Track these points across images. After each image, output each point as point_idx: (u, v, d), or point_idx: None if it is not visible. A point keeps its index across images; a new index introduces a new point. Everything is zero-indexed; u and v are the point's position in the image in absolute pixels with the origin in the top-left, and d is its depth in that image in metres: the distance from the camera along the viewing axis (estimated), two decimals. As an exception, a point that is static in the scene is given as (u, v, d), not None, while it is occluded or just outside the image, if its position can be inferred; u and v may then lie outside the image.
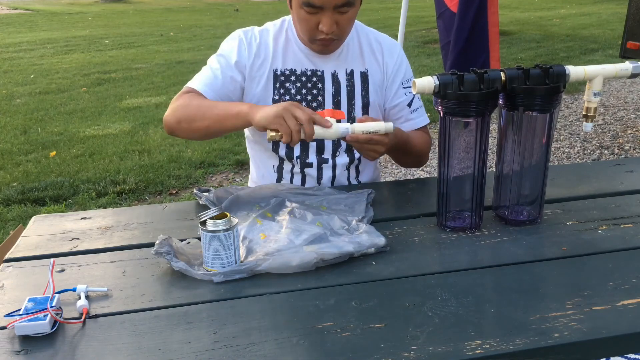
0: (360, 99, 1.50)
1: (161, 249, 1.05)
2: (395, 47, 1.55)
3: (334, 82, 1.49)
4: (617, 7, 11.48)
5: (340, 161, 1.53)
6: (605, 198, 1.34)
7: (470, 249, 1.12)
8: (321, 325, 0.88)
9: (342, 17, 1.35)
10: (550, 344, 0.83)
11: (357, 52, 1.51)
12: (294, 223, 1.17)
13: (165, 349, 0.84)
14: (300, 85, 1.48)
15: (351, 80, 1.50)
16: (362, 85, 1.50)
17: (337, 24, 1.36)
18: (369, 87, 1.51)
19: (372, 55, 1.52)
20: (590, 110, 1.21)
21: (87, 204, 3.29)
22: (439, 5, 3.17)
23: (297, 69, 1.48)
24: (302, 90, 1.48)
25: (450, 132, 1.14)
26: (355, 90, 1.50)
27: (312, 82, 1.48)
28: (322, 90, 1.49)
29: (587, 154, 4.02)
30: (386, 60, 1.52)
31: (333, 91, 1.49)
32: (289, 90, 1.48)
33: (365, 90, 1.50)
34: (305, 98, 1.48)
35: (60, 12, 15.53)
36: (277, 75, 1.48)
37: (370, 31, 1.56)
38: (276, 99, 1.48)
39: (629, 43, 4.57)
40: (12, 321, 0.88)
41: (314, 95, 1.49)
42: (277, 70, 1.48)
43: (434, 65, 6.76)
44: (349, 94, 1.50)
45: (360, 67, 1.51)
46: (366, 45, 1.52)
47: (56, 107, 5.50)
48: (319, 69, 1.49)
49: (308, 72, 1.49)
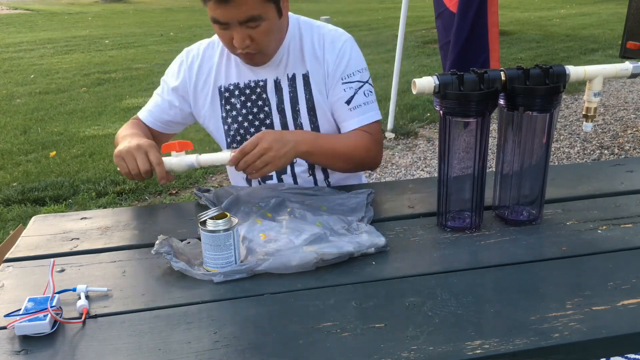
0: (305, 102, 1.44)
1: (161, 249, 1.05)
2: (337, 41, 1.43)
3: (276, 90, 1.44)
4: (617, 7, 11.48)
5: (299, 169, 1.49)
6: (605, 198, 1.34)
7: (470, 249, 1.12)
8: (321, 325, 0.88)
9: (254, 31, 1.29)
10: (550, 344, 0.83)
11: (298, 54, 1.44)
12: (294, 223, 1.17)
13: (165, 349, 0.84)
14: (244, 99, 1.45)
15: (293, 85, 1.44)
16: (305, 88, 1.44)
17: (252, 39, 1.30)
18: (311, 89, 1.44)
19: (313, 53, 1.43)
20: (590, 110, 1.21)
21: (87, 204, 3.29)
22: (438, 5, 3.17)
23: (240, 82, 1.45)
24: (247, 104, 1.45)
25: (450, 132, 1.14)
26: (299, 94, 1.44)
27: (257, 93, 1.44)
28: (267, 100, 1.45)
29: (587, 154, 4.02)
30: (326, 57, 1.42)
31: (277, 100, 1.44)
32: (235, 106, 1.45)
33: (308, 93, 1.44)
34: (251, 111, 1.45)
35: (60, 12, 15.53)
36: (222, 92, 1.46)
37: (317, 27, 1.46)
38: (224, 116, 1.47)
39: (629, 43, 4.57)
40: (12, 321, 0.88)
41: (260, 107, 1.45)
42: (221, 87, 1.46)
43: (434, 65, 6.76)
44: (292, 100, 1.44)
45: (302, 70, 1.43)
46: (308, 44, 1.43)
47: (56, 107, 5.50)
48: (261, 78, 1.44)
49: (251, 84, 1.44)
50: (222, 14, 1.25)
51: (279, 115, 1.45)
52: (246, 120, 1.46)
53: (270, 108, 1.45)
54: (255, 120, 1.46)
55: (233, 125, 1.47)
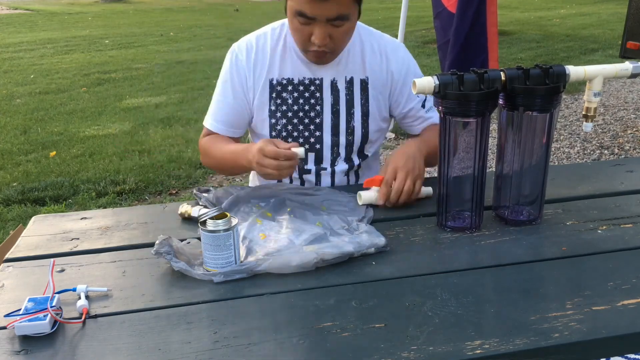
0: (360, 107, 1.47)
1: (161, 249, 1.05)
2: (398, 51, 1.50)
3: (332, 90, 1.45)
4: (617, 7, 11.47)
5: (339, 169, 1.51)
6: (605, 198, 1.34)
7: (470, 249, 1.12)
8: (321, 325, 0.88)
9: (336, 30, 1.30)
10: (550, 344, 0.83)
11: (359, 58, 1.46)
12: (294, 223, 1.17)
13: (165, 349, 0.84)
14: (297, 95, 1.45)
15: (350, 89, 1.46)
16: (362, 94, 1.47)
17: (331, 37, 1.31)
18: (368, 96, 1.47)
19: (374, 61, 1.47)
20: (590, 110, 1.21)
21: (87, 204, 3.29)
22: (437, 5, 3.17)
23: (295, 78, 1.45)
24: (300, 100, 1.45)
25: (450, 132, 1.14)
26: (355, 98, 1.46)
27: (310, 91, 1.45)
28: (320, 99, 1.45)
29: (587, 154, 4.02)
30: (391, 68, 1.47)
31: (332, 100, 1.45)
32: (286, 100, 1.45)
33: (364, 98, 1.47)
34: (302, 108, 1.45)
35: (60, 12, 15.53)
36: (273, 85, 1.45)
37: (374, 35, 1.50)
38: (272, 109, 1.46)
39: (629, 43, 4.57)
40: (12, 321, 0.88)
41: (312, 105, 1.45)
42: (272, 80, 1.45)
43: (434, 66, 6.75)
44: (348, 102, 1.46)
45: (360, 75, 1.46)
46: (369, 51, 1.47)
47: (56, 107, 5.49)
48: (317, 77, 1.45)
49: (306, 81, 1.45)
50: (312, 9, 1.25)
51: (332, 116, 1.46)
52: (296, 117, 1.46)
53: (322, 107, 1.46)
54: (305, 118, 1.46)
55: (281, 120, 1.46)
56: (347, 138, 1.48)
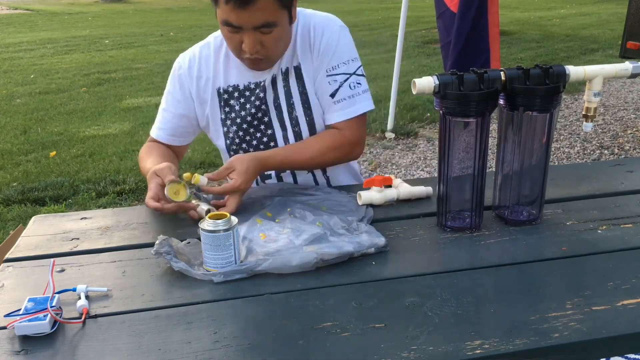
0: (299, 95, 1.42)
1: (161, 249, 1.05)
2: (324, 28, 1.39)
3: (272, 86, 1.43)
4: (617, 7, 11.47)
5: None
6: (605, 198, 1.34)
7: (470, 249, 1.12)
8: (321, 325, 0.88)
9: (265, 37, 1.28)
10: (550, 344, 0.83)
11: (291, 46, 1.41)
12: (294, 223, 1.17)
13: (165, 349, 0.84)
14: (244, 101, 1.44)
15: (287, 79, 1.42)
16: (298, 81, 1.42)
17: (262, 45, 1.29)
18: (304, 82, 1.42)
19: (304, 45, 1.41)
20: (590, 110, 1.21)
21: (87, 204, 3.29)
22: (439, 6, 3.17)
23: (240, 84, 1.44)
24: (246, 105, 1.44)
25: (450, 132, 1.14)
26: (291, 88, 1.42)
27: (255, 93, 1.43)
28: (264, 99, 1.43)
29: (587, 154, 4.02)
30: (315, 45, 1.39)
31: (273, 95, 1.43)
32: (234, 108, 1.45)
33: (301, 85, 1.42)
34: (249, 112, 1.44)
35: (60, 12, 15.53)
36: (221, 94, 1.45)
37: (308, 17, 1.42)
38: (223, 118, 1.46)
39: (629, 43, 4.57)
40: (12, 321, 0.88)
41: (258, 106, 1.44)
42: (219, 89, 1.45)
43: (434, 65, 6.76)
44: (287, 93, 1.43)
45: (293, 62, 1.41)
46: (300, 35, 1.41)
47: (56, 107, 5.49)
48: (261, 79, 1.43)
49: (251, 85, 1.43)
50: (237, 18, 1.24)
51: (276, 111, 1.44)
52: (244, 122, 1.45)
53: (267, 105, 1.44)
54: (254, 120, 1.45)
55: (232, 127, 1.46)
56: (293, 129, 1.45)
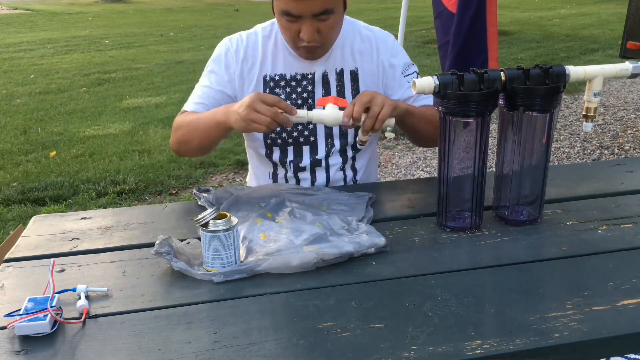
0: (351, 98, 1.47)
1: (161, 249, 1.05)
2: (386, 40, 1.51)
3: (323, 83, 1.47)
4: (617, 7, 11.47)
5: (333, 162, 1.52)
6: (605, 198, 1.34)
7: (470, 249, 1.12)
8: (321, 325, 0.88)
9: (323, 24, 1.32)
10: (550, 344, 0.83)
11: (348, 50, 1.48)
12: (294, 223, 1.17)
13: (165, 349, 0.84)
14: (290, 90, 1.46)
15: (341, 80, 1.47)
16: (352, 84, 1.48)
17: (319, 32, 1.33)
18: (359, 86, 1.48)
19: (363, 52, 1.49)
20: (590, 110, 1.21)
21: (87, 204, 3.29)
22: (437, 5, 3.17)
23: (287, 74, 1.46)
24: (292, 95, 1.46)
25: (450, 132, 1.14)
26: (345, 89, 1.48)
27: (302, 85, 1.46)
28: (312, 92, 1.47)
29: (587, 154, 4.02)
30: (381, 57, 1.49)
31: (323, 92, 1.47)
32: (279, 96, 1.44)
33: (355, 89, 1.48)
34: (295, 103, 1.46)
35: (60, 12, 15.53)
36: (267, 81, 1.46)
37: (362, 26, 1.52)
38: None
39: (629, 43, 4.57)
40: (12, 321, 0.88)
41: (304, 99, 1.47)
42: (266, 77, 1.46)
43: (434, 65, 6.75)
44: (339, 94, 1.48)
45: (350, 66, 1.48)
46: (358, 42, 1.49)
47: (56, 107, 5.49)
48: (309, 72, 1.46)
49: (298, 76, 1.46)
50: (297, 7, 1.26)
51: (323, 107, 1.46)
52: None
53: (314, 100, 1.47)
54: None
55: None
56: (339, 128, 1.49)
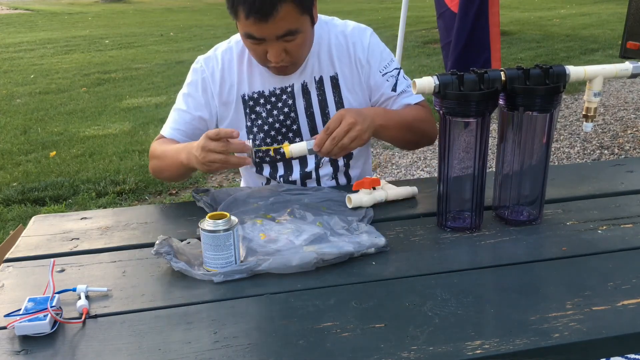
0: (334, 105, 1.44)
1: (161, 249, 1.05)
2: (362, 35, 1.44)
3: (304, 94, 1.43)
4: (617, 7, 11.47)
5: (324, 172, 1.49)
6: (605, 198, 1.34)
7: (470, 249, 1.12)
8: (321, 325, 0.88)
9: (290, 44, 1.28)
10: (550, 344, 0.83)
11: (326, 56, 1.43)
12: (294, 223, 1.17)
13: (165, 349, 0.84)
14: (270, 107, 1.43)
15: (321, 88, 1.43)
16: (334, 91, 1.43)
17: (287, 52, 1.29)
18: (340, 91, 1.43)
19: (342, 54, 1.43)
20: (590, 110, 1.21)
21: (87, 204, 3.29)
22: (439, 5, 3.17)
23: (265, 90, 1.42)
24: (273, 112, 1.43)
25: (450, 132, 1.14)
26: (327, 97, 1.43)
27: (282, 100, 1.42)
28: (294, 105, 1.43)
29: (587, 154, 4.02)
30: (357, 55, 1.43)
31: (305, 104, 1.43)
32: (260, 114, 1.43)
33: (337, 95, 1.43)
34: (277, 119, 1.43)
35: (60, 12, 15.53)
36: (246, 101, 1.43)
37: (338, 27, 1.45)
38: (249, 125, 1.44)
39: (629, 43, 4.56)
40: (12, 321, 0.88)
41: (286, 114, 1.43)
42: (244, 96, 1.43)
43: (434, 65, 6.76)
44: (321, 103, 1.43)
45: (329, 72, 1.43)
46: (334, 44, 1.43)
47: (56, 107, 5.50)
48: (288, 84, 1.42)
49: (277, 91, 1.42)
50: (259, 30, 1.23)
51: (307, 120, 1.44)
52: (272, 129, 1.44)
53: (296, 113, 1.43)
54: (282, 128, 1.44)
55: (259, 135, 1.45)
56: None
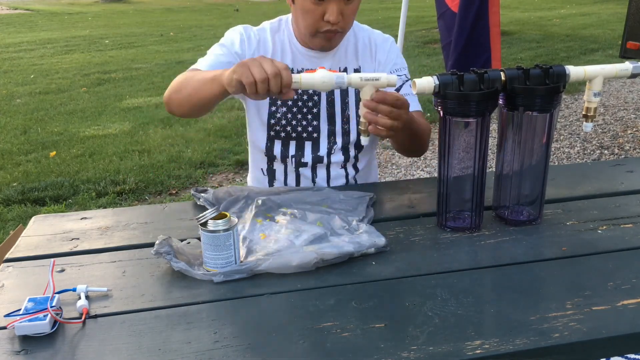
0: (354, 96, 1.51)
1: (161, 249, 1.05)
2: (386, 42, 1.56)
3: None
4: (617, 7, 11.47)
5: (335, 159, 1.53)
6: (605, 198, 1.34)
7: (470, 249, 1.12)
8: (321, 325, 0.88)
9: (347, 7, 1.35)
10: (550, 344, 0.83)
11: (352, 50, 1.52)
12: (294, 223, 1.17)
13: (165, 349, 0.84)
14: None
15: None
16: None
17: (342, 15, 1.36)
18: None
19: (365, 53, 1.53)
20: (590, 110, 1.21)
21: (87, 204, 3.29)
22: (440, 6, 3.17)
23: (294, 69, 1.48)
24: (299, 90, 1.48)
25: (450, 132, 1.14)
26: (349, 88, 1.49)
27: None
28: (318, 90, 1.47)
29: (587, 154, 4.02)
30: (378, 57, 1.53)
31: (327, 92, 1.48)
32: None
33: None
34: (301, 97, 1.49)
35: (60, 12, 15.53)
36: None
37: (365, 29, 1.57)
38: (274, 98, 1.48)
39: (629, 43, 4.56)
40: (12, 321, 0.88)
41: (310, 95, 1.49)
42: None
43: (434, 65, 6.76)
44: (342, 92, 1.50)
45: (353, 65, 1.51)
46: (361, 43, 1.53)
47: (56, 107, 5.49)
48: (315, 68, 1.46)
49: (303, 72, 1.46)
50: None
51: (327, 106, 1.50)
52: (295, 106, 1.49)
53: (319, 97, 1.49)
54: (303, 107, 1.49)
55: (282, 109, 1.49)
56: (342, 126, 1.51)
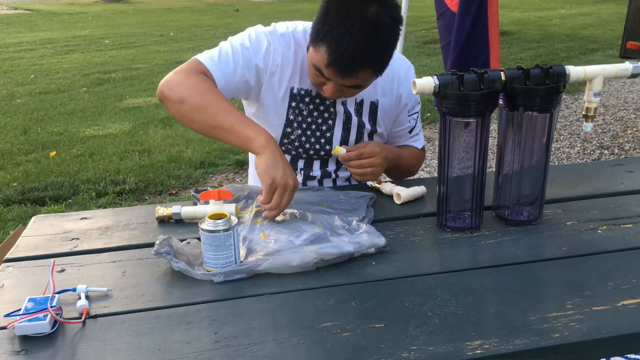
0: (369, 128, 1.49)
1: (161, 249, 1.05)
2: (408, 73, 1.51)
3: (344, 109, 1.45)
4: (617, 7, 11.47)
5: (343, 174, 1.53)
6: (605, 198, 1.34)
7: (470, 249, 1.12)
8: (321, 325, 0.89)
9: (349, 90, 1.32)
10: (550, 344, 0.83)
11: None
12: (294, 223, 1.17)
13: (165, 349, 0.84)
14: (313, 108, 1.44)
15: (359, 111, 1.47)
16: (370, 116, 1.48)
17: (343, 92, 1.33)
18: (377, 118, 1.49)
19: (385, 85, 1.47)
20: (590, 110, 1.21)
21: (87, 204, 3.29)
22: (439, 5, 3.17)
23: (313, 90, 1.42)
24: (314, 113, 1.45)
25: (450, 132, 1.14)
26: (364, 117, 1.48)
27: (325, 104, 1.44)
28: (334, 114, 1.45)
29: (587, 154, 4.02)
30: (400, 92, 1.49)
31: (344, 118, 1.46)
32: (302, 112, 1.44)
33: (372, 120, 1.49)
34: (316, 121, 1.45)
35: (60, 12, 15.53)
36: (294, 95, 1.43)
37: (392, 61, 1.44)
38: (291, 118, 1.44)
39: (629, 43, 4.57)
40: (12, 321, 0.88)
41: (325, 119, 1.45)
42: (294, 89, 1.42)
43: (434, 65, 6.76)
44: (359, 123, 1.48)
45: (371, 97, 1.47)
46: (382, 75, 1.37)
47: (56, 107, 5.49)
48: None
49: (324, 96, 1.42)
50: (331, 76, 1.26)
51: (343, 132, 1.47)
52: (309, 129, 1.45)
53: (334, 122, 1.46)
54: (317, 131, 1.46)
55: (297, 131, 1.45)
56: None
